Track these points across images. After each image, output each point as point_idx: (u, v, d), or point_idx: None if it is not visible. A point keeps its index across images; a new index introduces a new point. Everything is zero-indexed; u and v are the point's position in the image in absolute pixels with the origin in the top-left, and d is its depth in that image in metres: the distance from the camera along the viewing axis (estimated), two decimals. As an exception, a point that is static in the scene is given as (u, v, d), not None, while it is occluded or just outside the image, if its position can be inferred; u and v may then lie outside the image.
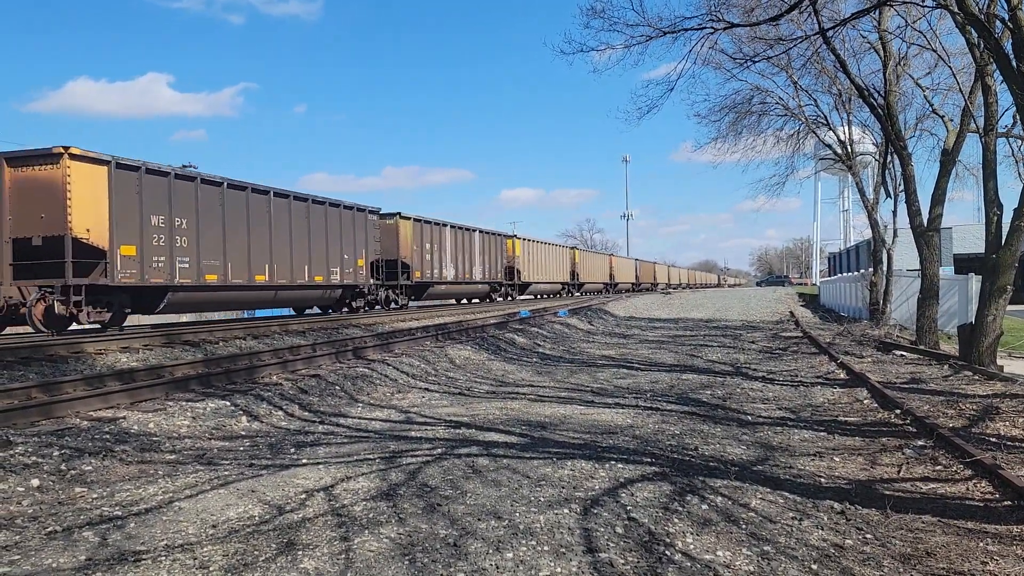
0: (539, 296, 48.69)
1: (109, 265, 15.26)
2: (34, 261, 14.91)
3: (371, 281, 25.53)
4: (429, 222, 30.17)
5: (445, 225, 31.81)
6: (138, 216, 15.98)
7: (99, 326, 15.96)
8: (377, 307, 26.78)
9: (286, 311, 26.44)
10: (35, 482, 5.93)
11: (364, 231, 25.16)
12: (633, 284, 73.76)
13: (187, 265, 17.18)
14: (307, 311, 25.26)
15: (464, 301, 37.93)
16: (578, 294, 54.14)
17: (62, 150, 14.61)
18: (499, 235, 39.24)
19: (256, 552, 4.37)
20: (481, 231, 36.25)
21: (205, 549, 4.42)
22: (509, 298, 40.77)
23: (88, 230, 14.88)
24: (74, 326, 15.63)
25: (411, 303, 30.07)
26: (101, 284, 15.28)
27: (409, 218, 28.38)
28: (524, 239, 42.28)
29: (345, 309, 25.19)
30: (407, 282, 28.11)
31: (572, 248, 55.34)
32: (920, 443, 7.22)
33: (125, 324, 16.93)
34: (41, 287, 14.58)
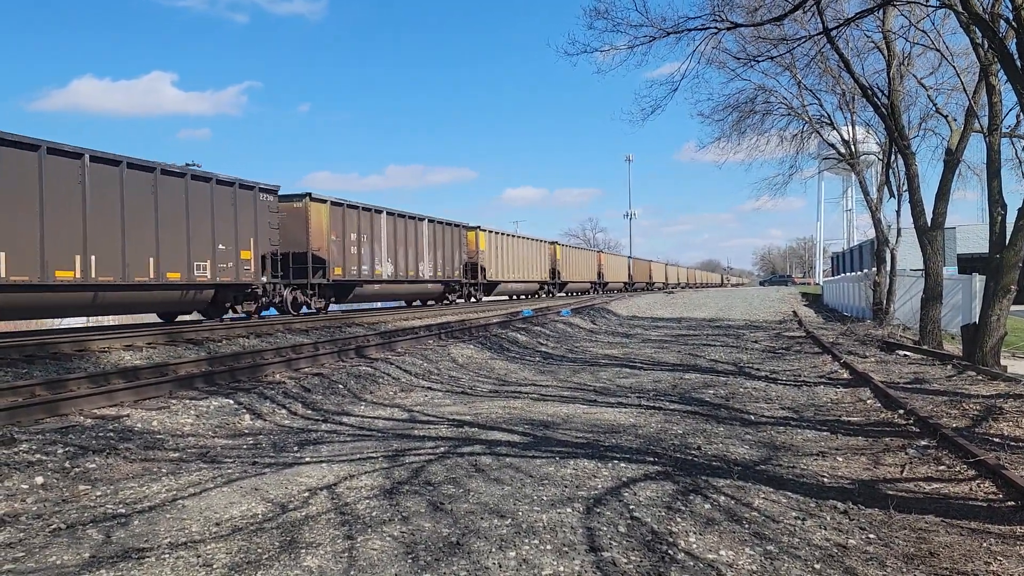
0: (512, 297, 43.69)
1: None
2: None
3: (264, 279, 20.23)
4: (355, 207, 24.56)
5: (379, 211, 26.13)
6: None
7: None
8: (471, 300, 27.33)
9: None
10: (39, 480, 5.94)
11: (253, 215, 19.59)
12: (626, 283, 68.92)
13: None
14: (417, 303, 26.01)
15: (416, 303, 32.21)
16: (560, 294, 49.84)
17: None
18: (457, 226, 33.20)
19: (260, 550, 4.38)
20: (432, 220, 30.41)
21: (209, 547, 4.43)
22: (472, 299, 35.54)
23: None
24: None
25: (332, 306, 24.98)
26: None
27: (325, 201, 22.92)
28: (490, 231, 36.72)
29: (226, 316, 20.57)
30: (322, 280, 22.69)
31: (552, 243, 48.54)
32: (923, 443, 7.22)
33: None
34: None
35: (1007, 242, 12.50)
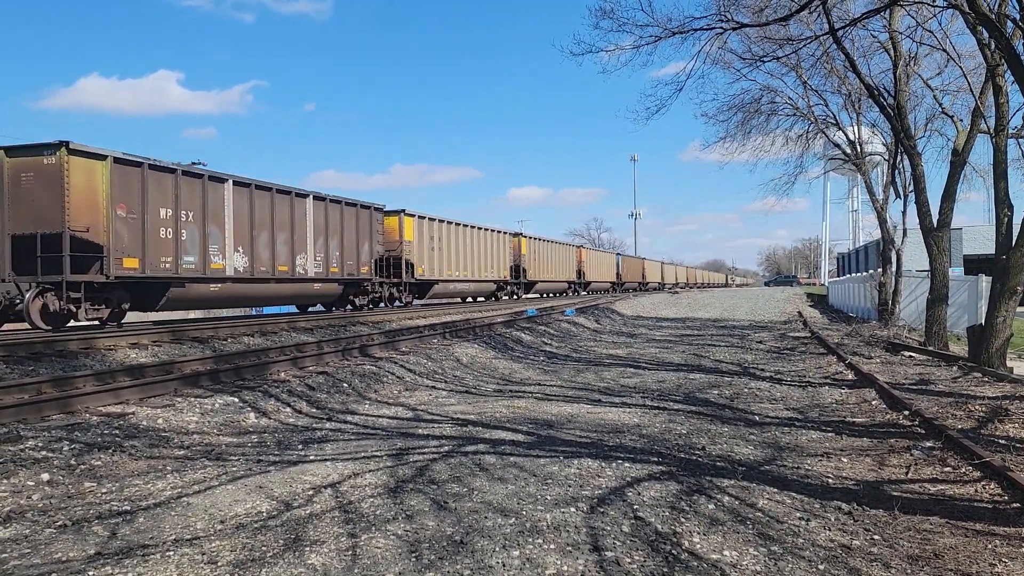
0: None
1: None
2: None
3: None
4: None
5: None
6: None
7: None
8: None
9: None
10: (45, 476, 5.96)
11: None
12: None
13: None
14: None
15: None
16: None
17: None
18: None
19: (264, 547, 4.39)
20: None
21: (213, 544, 4.45)
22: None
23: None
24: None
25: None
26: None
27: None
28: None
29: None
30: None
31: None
32: (928, 444, 7.20)
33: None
34: None
35: (1014, 243, 12.46)
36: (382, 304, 26.61)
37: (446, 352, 14.64)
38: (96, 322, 15.84)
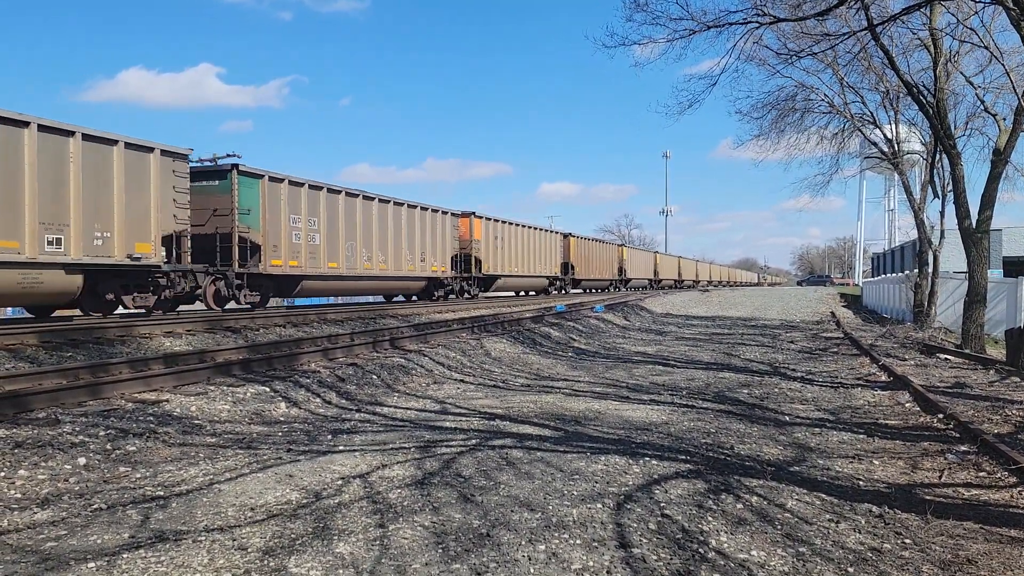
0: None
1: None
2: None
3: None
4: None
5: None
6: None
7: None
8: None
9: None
10: (82, 460, 6.10)
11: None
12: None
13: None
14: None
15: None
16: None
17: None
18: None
19: (293, 536, 4.45)
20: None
21: (244, 531, 4.51)
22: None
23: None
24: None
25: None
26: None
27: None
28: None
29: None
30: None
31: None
32: (963, 448, 7.07)
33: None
34: None
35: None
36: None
37: (475, 346, 14.68)
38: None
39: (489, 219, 32.59)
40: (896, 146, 25.65)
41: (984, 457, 6.71)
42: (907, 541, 4.73)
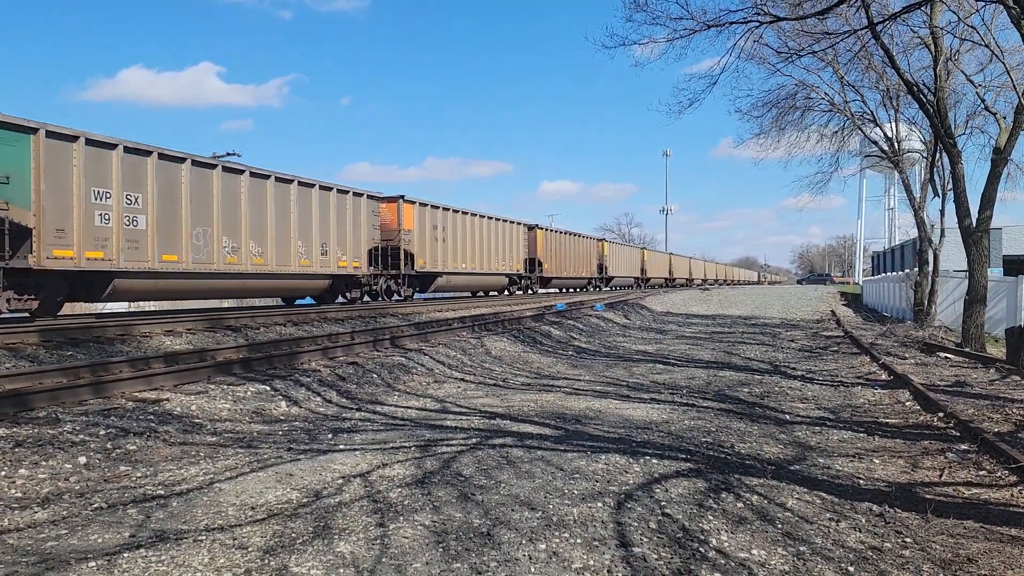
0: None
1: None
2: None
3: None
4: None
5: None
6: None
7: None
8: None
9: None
10: (82, 459, 6.10)
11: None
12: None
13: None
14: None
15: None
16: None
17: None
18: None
19: (293, 535, 4.45)
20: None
21: (244, 530, 4.51)
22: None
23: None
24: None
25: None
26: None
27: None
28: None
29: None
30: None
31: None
32: (963, 447, 7.07)
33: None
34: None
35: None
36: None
37: (475, 344, 14.68)
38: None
39: (424, 205, 26.69)
40: (896, 145, 25.64)
41: (984, 456, 6.71)
42: (907, 540, 4.73)
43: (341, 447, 6.78)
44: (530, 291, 38.16)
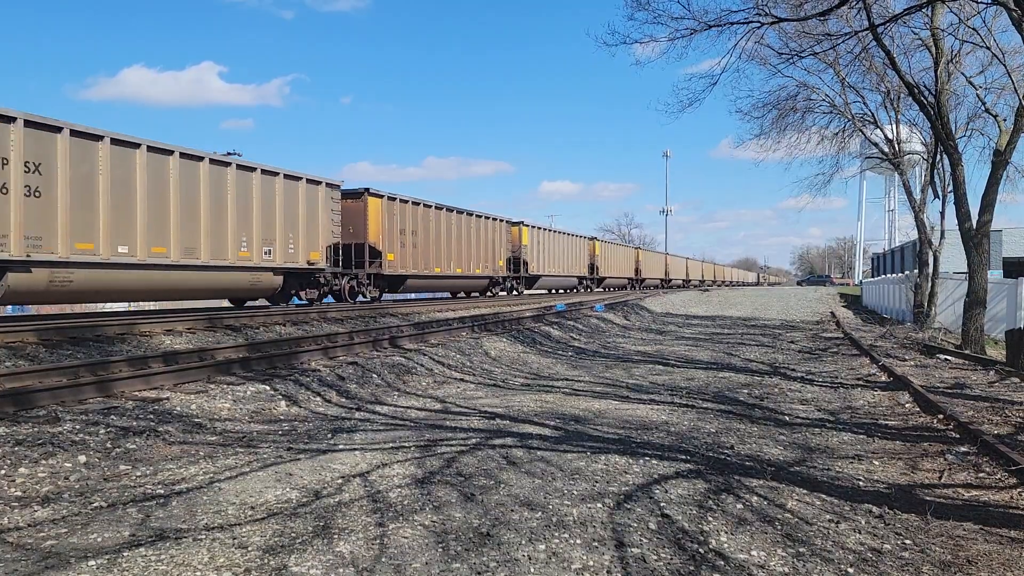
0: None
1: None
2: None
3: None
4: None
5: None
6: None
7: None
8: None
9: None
10: (82, 458, 6.10)
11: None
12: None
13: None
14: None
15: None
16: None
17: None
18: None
19: (293, 534, 4.45)
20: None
21: (244, 529, 4.51)
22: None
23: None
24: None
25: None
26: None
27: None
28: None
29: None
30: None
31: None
32: (963, 449, 7.08)
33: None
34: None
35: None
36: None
37: (475, 345, 14.68)
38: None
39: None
40: (897, 146, 25.66)
41: (984, 458, 6.72)
42: (907, 541, 4.74)
43: (341, 447, 6.78)
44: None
